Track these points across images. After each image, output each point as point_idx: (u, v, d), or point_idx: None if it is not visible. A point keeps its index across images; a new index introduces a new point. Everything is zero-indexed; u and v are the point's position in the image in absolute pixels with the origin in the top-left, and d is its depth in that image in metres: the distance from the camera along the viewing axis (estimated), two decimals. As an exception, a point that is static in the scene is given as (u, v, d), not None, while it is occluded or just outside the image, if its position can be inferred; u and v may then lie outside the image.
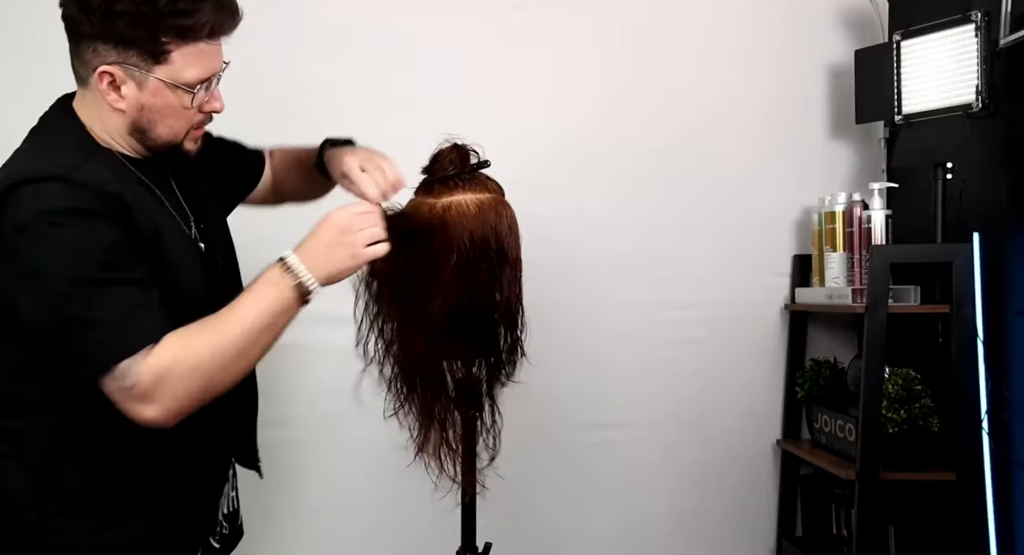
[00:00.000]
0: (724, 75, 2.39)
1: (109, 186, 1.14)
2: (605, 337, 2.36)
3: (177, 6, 1.15)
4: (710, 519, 2.40)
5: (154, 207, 1.23)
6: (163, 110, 1.21)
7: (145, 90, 1.19)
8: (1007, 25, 1.91)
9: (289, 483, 2.27)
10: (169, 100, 1.20)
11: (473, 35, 2.32)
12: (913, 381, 2.00)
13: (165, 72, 1.18)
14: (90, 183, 1.13)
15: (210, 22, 1.18)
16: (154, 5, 1.14)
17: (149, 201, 1.22)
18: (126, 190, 1.17)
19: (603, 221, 2.35)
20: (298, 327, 1.66)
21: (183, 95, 1.20)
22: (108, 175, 1.17)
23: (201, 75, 1.20)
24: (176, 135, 1.24)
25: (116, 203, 1.14)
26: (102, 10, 1.14)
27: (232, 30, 1.23)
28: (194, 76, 1.20)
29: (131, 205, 1.16)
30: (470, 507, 1.41)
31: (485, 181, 1.33)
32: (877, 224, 2.13)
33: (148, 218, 1.18)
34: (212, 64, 1.22)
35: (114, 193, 1.14)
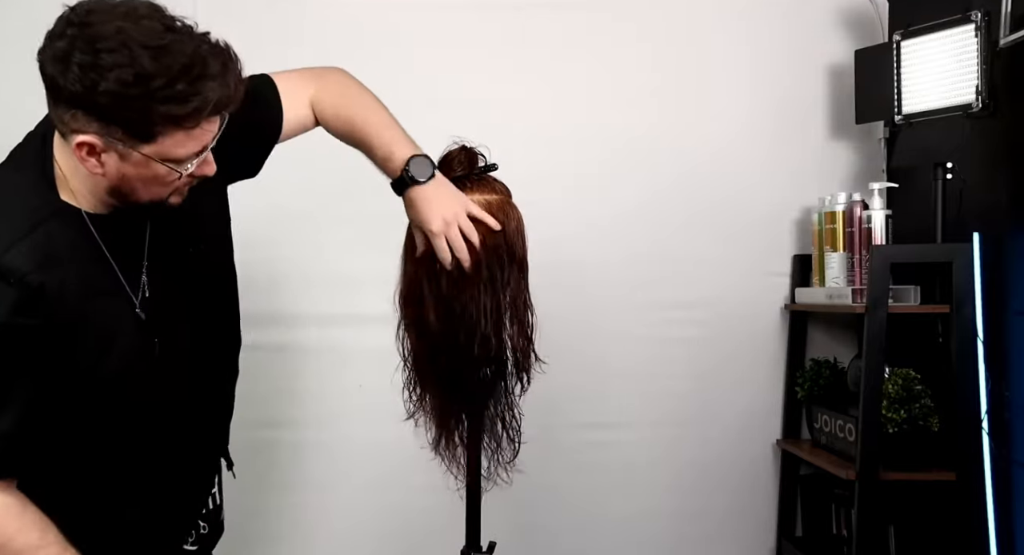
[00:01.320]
0: (724, 75, 2.39)
1: (32, 277, 1.08)
2: (605, 337, 2.36)
3: (174, 90, 1.03)
4: (710, 519, 2.40)
5: (93, 286, 1.15)
6: (147, 180, 1.11)
7: (128, 162, 1.09)
8: (1007, 25, 1.91)
9: (291, 483, 2.28)
10: (155, 171, 1.10)
11: (473, 35, 2.32)
12: (913, 381, 2.01)
13: (152, 150, 1.08)
14: (12, 271, 1.08)
15: (209, 105, 1.06)
16: (146, 87, 1.01)
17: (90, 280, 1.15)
18: (57, 275, 1.11)
19: (603, 221, 2.35)
20: (299, 327, 1.67)
21: (174, 167, 1.10)
22: (42, 257, 1.10)
23: (194, 151, 1.10)
24: (159, 198, 1.15)
25: (33, 297, 1.09)
26: (83, 82, 1.01)
27: (236, 104, 1.11)
28: (184, 153, 1.10)
29: (52, 295, 1.10)
30: (474, 506, 1.41)
31: (492, 182, 1.34)
32: (877, 224, 2.13)
33: (72, 306, 1.12)
34: (206, 139, 1.11)
35: (36, 285, 1.09)
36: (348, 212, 2.19)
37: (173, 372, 1.25)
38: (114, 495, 1.25)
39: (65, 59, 1.02)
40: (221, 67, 1.07)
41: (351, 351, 2.25)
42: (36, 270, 1.09)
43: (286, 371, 2.24)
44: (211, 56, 1.06)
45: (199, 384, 1.33)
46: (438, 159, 1.37)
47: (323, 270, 2.26)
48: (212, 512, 1.42)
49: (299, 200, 2.18)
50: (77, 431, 1.18)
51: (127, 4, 1.05)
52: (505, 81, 2.32)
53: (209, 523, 1.41)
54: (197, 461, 1.38)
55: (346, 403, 2.26)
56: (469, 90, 2.29)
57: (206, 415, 1.38)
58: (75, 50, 1.01)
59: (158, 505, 1.30)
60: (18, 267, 1.09)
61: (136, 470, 1.26)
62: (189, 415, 1.32)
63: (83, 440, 1.20)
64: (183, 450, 1.32)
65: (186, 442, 1.32)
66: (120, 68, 1.00)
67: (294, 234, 2.24)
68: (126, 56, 1.01)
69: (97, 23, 1.02)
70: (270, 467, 2.27)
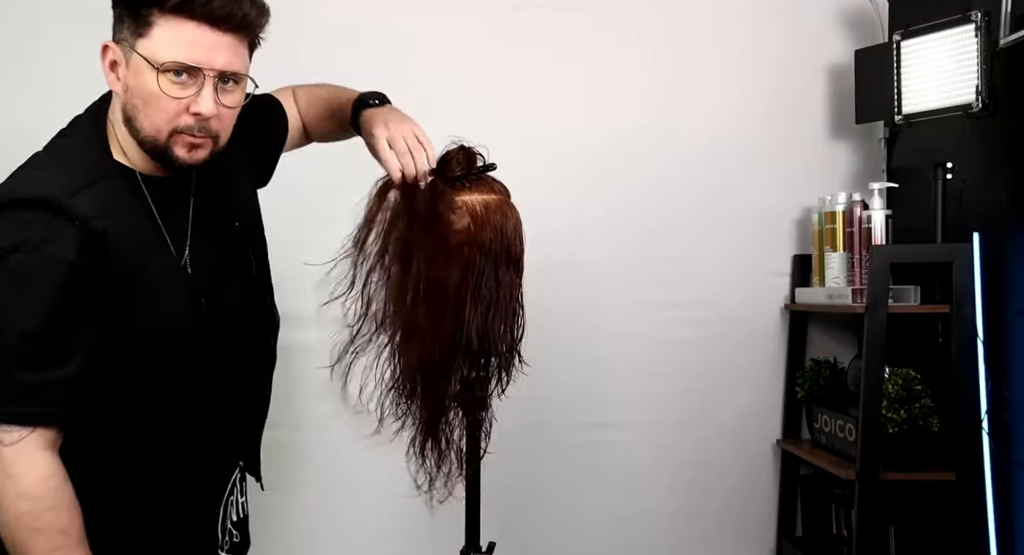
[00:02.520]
0: (724, 75, 2.39)
1: (96, 222, 1.12)
2: (605, 337, 2.36)
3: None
4: (710, 519, 2.40)
5: (146, 243, 1.19)
6: (144, 95, 1.14)
7: (130, 68, 1.14)
8: (1007, 25, 1.91)
9: (291, 484, 2.27)
10: (147, 82, 1.13)
11: (473, 35, 2.32)
12: (913, 381, 2.00)
13: (145, 48, 1.12)
14: (78, 215, 1.11)
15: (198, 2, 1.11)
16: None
17: (146, 237, 1.19)
18: (117, 225, 1.14)
19: (602, 221, 2.35)
20: (300, 327, 1.67)
21: (160, 78, 1.12)
22: (103, 206, 1.14)
23: (179, 58, 1.12)
24: (158, 130, 1.16)
25: (96, 242, 1.12)
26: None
27: (230, 21, 1.14)
28: (171, 57, 1.11)
29: (112, 245, 1.13)
30: (474, 507, 1.41)
31: (491, 183, 1.35)
32: (877, 224, 2.13)
33: (129, 259, 1.15)
34: (197, 53, 1.12)
35: (99, 230, 1.12)
36: (348, 211, 2.19)
37: (215, 340, 1.26)
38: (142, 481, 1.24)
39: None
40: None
41: (351, 351, 2.25)
42: (100, 216, 1.13)
43: (286, 371, 2.24)
44: None
45: (238, 361, 1.33)
46: (437, 159, 1.37)
47: (323, 270, 2.26)
48: (242, 521, 1.42)
49: (299, 200, 2.17)
50: (119, 391, 1.18)
51: None
52: (504, 81, 2.32)
53: (241, 532, 1.42)
54: (227, 450, 1.38)
55: (344, 403, 2.26)
56: (468, 90, 2.28)
57: (243, 399, 1.38)
58: None
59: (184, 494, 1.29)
60: (84, 211, 1.12)
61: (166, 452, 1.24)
62: (227, 395, 1.31)
63: (122, 405, 1.19)
64: (215, 436, 1.31)
65: (220, 426, 1.32)
66: None
67: (294, 234, 2.23)
68: None
69: None
70: (269, 467, 2.26)
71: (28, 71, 2.16)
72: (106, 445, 1.20)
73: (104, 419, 1.18)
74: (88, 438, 1.17)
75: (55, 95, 1.29)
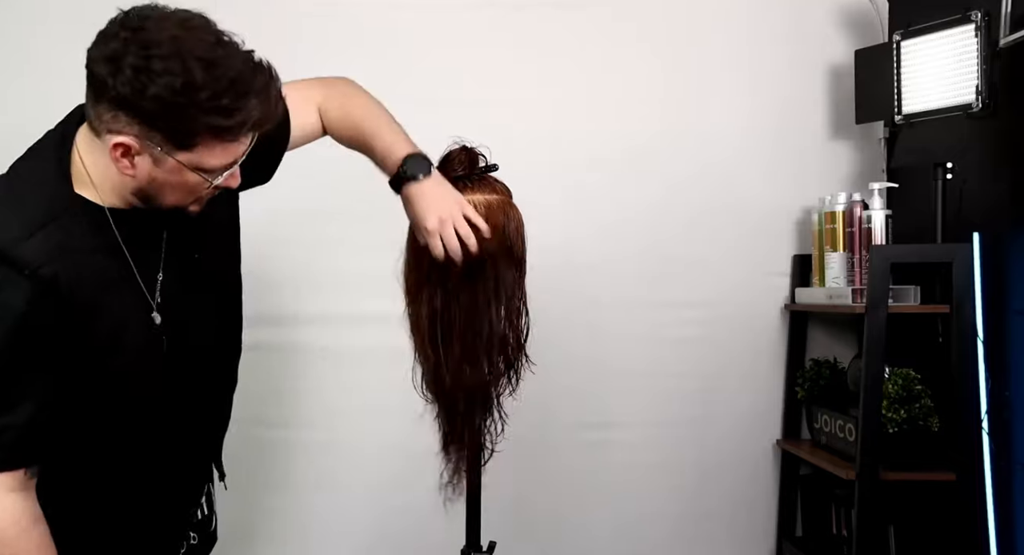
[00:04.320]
0: (724, 75, 2.39)
1: (45, 269, 1.09)
2: (605, 337, 2.36)
3: (220, 103, 1.05)
4: (710, 519, 2.40)
5: (105, 280, 1.16)
6: (175, 185, 1.13)
7: (161, 167, 1.11)
8: (1007, 25, 1.91)
9: (292, 483, 2.28)
10: (185, 179, 1.12)
11: (473, 35, 2.32)
12: (913, 381, 2.01)
13: (187, 158, 1.10)
14: (26, 263, 1.08)
15: (250, 121, 1.09)
16: (192, 97, 1.03)
17: (105, 273, 1.16)
18: (70, 265, 1.11)
19: (604, 221, 2.35)
20: (299, 327, 1.67)
21: (204, 176, 1.12)
22: (55, 248, 1.10)
23: (225, 163, 1.13)
24: (182, 204, 1.17)
25: (46, 290, 1.09)
26: (133, 85, 1.03)
27: (273, 122, 1.14)
28: (217, 164, 1.12)
29: (64, 287, 1.10)
30: (475, 506, 1.42)
31: (493, 183, 1.35)
32: (877, 224, 2.13)
33: (86, 297, 1.12)
34: (238, 152, 1.13)
35: (49, 276, 1.09)
36: (348, 211, 2.19)
37: (178, 372, 1.25)
38: (106, 501, 1.25)
39: (117, 60, 1.03)
40: (264, 85, 1.09)
41: (351, 351, 2.25)
42: (49, 262, 1.10)
43: (286, 371, 2.24)
44: (256, 72, 1.09)
45: (201, 389, 1.33)
46: (439, 159, 1.37)
47: (323, 269, 2.26)
48: (202, 522, 1.41)
49: (299, 199, 2.17)
50: (80, 426, 1.18)
51: (181, 14, 1.08)
52: (506, 81, 2.32)
53: (199, 533, 1.41)
54: (190, 469, 1.38)
55: (346, 403, 2.26)
56: (470, 90, 2.29)
57: (204, 422, 1.38)
58: (128, 53, 1.03)
59: (149, 512, 1.30)
60: (32, 259, 1.09)
61: (130, 476, 1.26)
62: (188, 421, 1.31)
63: (84, 437, 1.19)
64: (178, 457, 1.32)
65: (182, 449, 1.32)
66: (171, 75, 1.03)
67: (294, 233, 2.24)
68: (178, 64, 1.03)
69: (152, 29, 1.04)
70: (270, 467, 2.27)
71: (29, 70, 2.17)
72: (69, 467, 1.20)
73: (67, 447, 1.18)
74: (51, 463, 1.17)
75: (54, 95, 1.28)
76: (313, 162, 2.20)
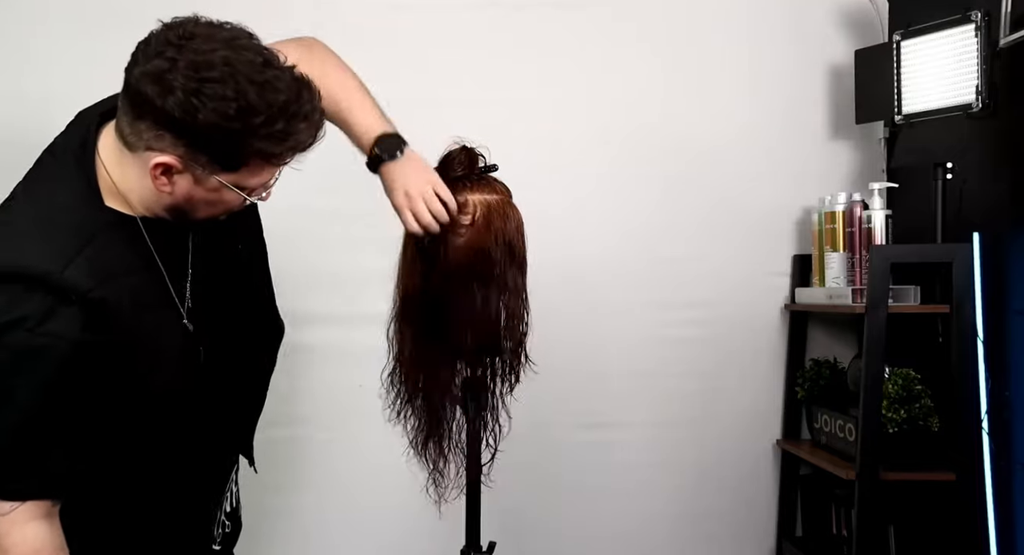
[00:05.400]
0: (724, 75, 2.39)
1: (95, 293, 1.06)
2: (605, 337, 2.36)
3: (273, 129, 1.03)
4: (710, 519, 2.40)
5: (143, 298, 1.14)
6: (212, 202, 1.12)
7: (201, 186, 1.09)
8: (1007, 25, 1.91)
9: (293, 482, 2.28)
10: (223, 197, 1.11)
11: (473, 35, 2.32)
12: (913, 381, 2.01)
13: (230, 178, 1.08)
14: (75, 289, 1.05)
15: (300, 146, 1.08)
16: (247, 122, 1.02)
17: (143, 291, 1.14)
18: (114, 288, 1.08)
19: (604, 221, 2.35)
20: (299, 327, 1.67)
21: (243, 193, 1.12)
22: (98, 272, 1.08)
23: (264, 181, 1.12)
24: (213, 216, 1.17)
25: (97, 314, 1.06)
26: (184, 107, 1.00)
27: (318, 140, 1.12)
28: (257, 183, 1.11)
29: (112, 310, 1.08)
30: (474, 506, 1.42)
31: (493, 183, 1.35)
32: (877, 224, 2.13)
33: (127, 319, 1.10)
34: (276, 170, 1.13)
35: (98, 300, 1.06)
36: (348, 211, 2.19)
37: (216, 378, 1.24)
38: (143, 497, 1.24)
39: (165, 81, 1.00)
40: (311, 105, 1.08)
41: (351, 351, 2.25)
42: (97, 286, 1.07)
43: (286, 371, 2.23)
44: (303, 92, 1.07)
45: (239, 383, 1.32)
46: (439, 159, 1.37)
47: (323, 269, 2.26)
48: (233, 511, 1.42)
49: (299, 199, 2.16)
50: (120, 442, 1.17)
51: (228, 30, 1.06)
52: (506, 81, 2.31)
53: (233, 521, 1.42)
54: (225, 456, 1.38)
55: (346, 403, 2.26)
56: (470, 90, 2.28)
57: (241, 410, 1.38)
58: (177, 74, 1.00)
59: (187, 502, 1.30)
60: (78, 284, 1.06)
61: (166, 470, 1.24)
62: (225, 413, 1.31)
63: (123, 449, 1.18)
64: (213, 446, 1.32)
65: (218, 437, 1.32)
66: (224, 100, 1.00)
67: (293, 233, 2.23)
68: (232, 88, 1.01)
69: (202, 48, 1.01)
70: (270, 467, 2.25)
71: (29, 70, 2.17)
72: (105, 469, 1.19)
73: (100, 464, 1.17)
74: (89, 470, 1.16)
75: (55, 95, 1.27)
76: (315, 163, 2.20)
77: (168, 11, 1.11)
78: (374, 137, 1.31)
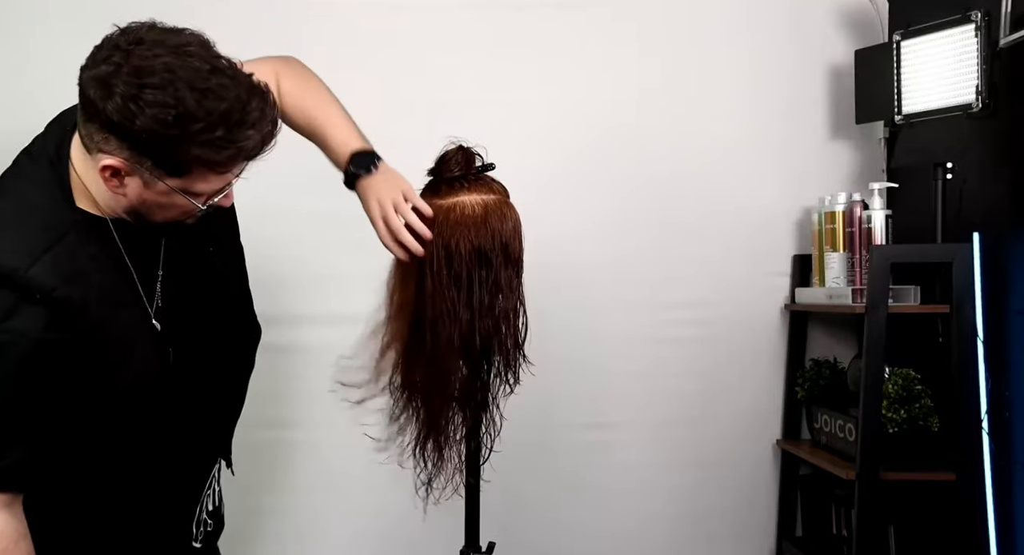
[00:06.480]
0: (724, 75, 2.39)
1: (60, 291, 1.07)
2: (605, 337, 2.36)
3: (213, 136, 1.03)
4: (710, 519, 2.40)
5: (112, 297, 1.15)
6: (166, 207, 1.12)
7: (151, 190, 1.09)
8: (1007, 25, 1.91)
9: (291, 483, 2.28)
10: (176, 201, 1.11)
11: (472, 35, 2.32)
12: (913, 381, 2.01)
13: (178, 183, 1.08)
14: (39, 287, 1.06)
15: (244, 153, 1.07)
16: (185, 128, 1.02)
17: (112, 290, 1.15)
18: (81, 287, 1.10)
19: (603, 221, 2.35)
20: (299, 327, 1.67)
21: (193, 202, 1.11)
22: (65, 270, 1.09)
23: (216, 188, 1.12)
24: (174, 220, 1.17)
25: (62, 312, 1.07)
26: (123, 113, 1.01)
27: (269, 149, 1.11)
28: (208, 189, 1.11)
29: (77, 308, 1.09)
30: (473, 507, 1.42)
31: (490, 183, 1.34)
32: (877, 224, 2.13)
33: (94, 316, 1.11)
34: (231, 178, 1.12)
35: (63, 298, 1.07)
36: (348, 212, 2.19)
37: (188, 378, 1.25)
38: (119, 496, 1.25)
39: (108, 85, 1.01)
40: (259, 113, 1.07)
41: (340, 352, 2.24)
42: (61, 284, 1.08)
43: (285, 371, 2.24)
44: (251, 100, 1.06)
45: (214, 384, 1.32)
46: (436, 159, 1.37)
47: (322, 270, 2.26)
48: (215, 509, 1.42)
49: (298, 200, 2.17)
50: (88, 439, 1.17)
51: (177, 37, 1.05)
52: (504, 81, 2.31)
53: (215, 520, 1.42)
54: (203, 457, 1.38)
55: (344, 404, 2.25)
56: (467, 90, 2.28)
57: (217, 412, 1.38)
58: (119, 79, 1.01)
59: (164, 502, 1.30)
60: (43, 283, 1.07)
61: (141, 469, 1.25)
62: (201, 413, 1.31)
63: (92, 446, 1.19)
64: (190, 447, 1.32)
65: (195, 438, 1.32)
66: (163, 107, 1.01)
67: (292, 234, 2.24)
68: (171, 95, 1.01)
69: (146, 54, 1.02)
70: (269, 467, 2.27)
71: (30, 70, 2.17)
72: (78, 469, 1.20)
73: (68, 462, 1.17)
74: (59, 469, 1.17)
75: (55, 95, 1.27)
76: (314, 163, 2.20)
77: (168, 11, 1.12)
78: (349, 153, 1.32)
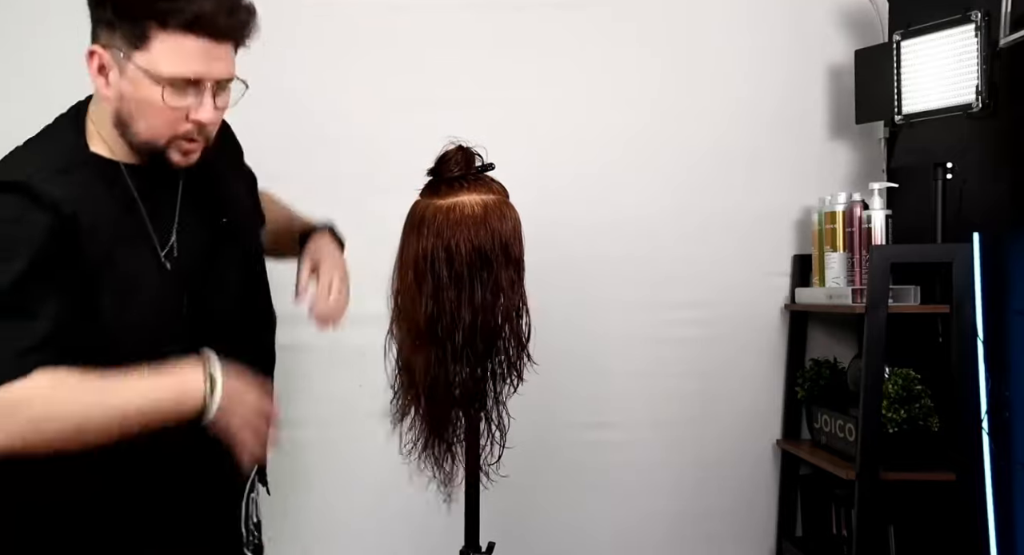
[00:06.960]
0: (724, 75, 2.39)
1: (66, 206, 1.11)
2: (605, 337, 2.36)
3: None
4: (710, 519, 2.40)
5: (121, 232, 1.18)
6: (142, 104, 1.15)
7: (125, 77, 1.14)
8: (1007, 25, 1.91)
9: (293, 483, 2.27)
10: (147, 93, 1.14)
11: (472, 35, 2.32)
12: (913, 381, 2.00)
13: (143, 60, 1.12)
14: (49, 197, 1.11)
15: (196, 12, 1.11)
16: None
17: (120, 225, 1.18)
18: (89, 212, 1.13)
19: (603, 221, 2.35)
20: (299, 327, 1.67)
21: (162, 90, 1.14)
22: (75, 194, 1.13)
23: (178, 71, 1.13)
24: (156, 136, 1.18)
25: (66, 226, 1.11)
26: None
27: (231, 33, 1.16)
28: (173, 71, 1.13)
29: (84, 229, 1.12)
30: (473, 507, 1.42)
31: (490, 183, 1.35)
32: (877, 224, 2.13)
33: (101, 246, 1.14)
34: (197, 66, 1.14)
35: (69, 213, 1.11)
36: (347, 212, 2.19)
37: (210, 331, 1.24)
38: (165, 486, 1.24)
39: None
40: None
41: (351, 351, 2.25)
42: (71, 200, 1.12)
43: (286, 371, 2.23)
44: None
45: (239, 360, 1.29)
46: (436, 159, 1.37)
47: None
48: (258, 524, 1.43)
49: (299, 200, 2.17)
50: None
51: None
52: (504, 81, 2.32)
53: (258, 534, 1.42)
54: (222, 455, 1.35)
55: (346, 403, 2.26)
56: (467, 90, 2.29)
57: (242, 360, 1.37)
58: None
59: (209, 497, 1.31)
60: (51, 192, 1.11)
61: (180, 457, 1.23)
62: None
63: None
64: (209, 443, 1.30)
65: None
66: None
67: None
68: None
69: None
70: (270, 467, 2.26)
71: (29, 71, 2.17)
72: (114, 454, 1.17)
73: None
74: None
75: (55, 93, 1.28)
76: (315, 164, 2.21)
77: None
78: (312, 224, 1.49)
